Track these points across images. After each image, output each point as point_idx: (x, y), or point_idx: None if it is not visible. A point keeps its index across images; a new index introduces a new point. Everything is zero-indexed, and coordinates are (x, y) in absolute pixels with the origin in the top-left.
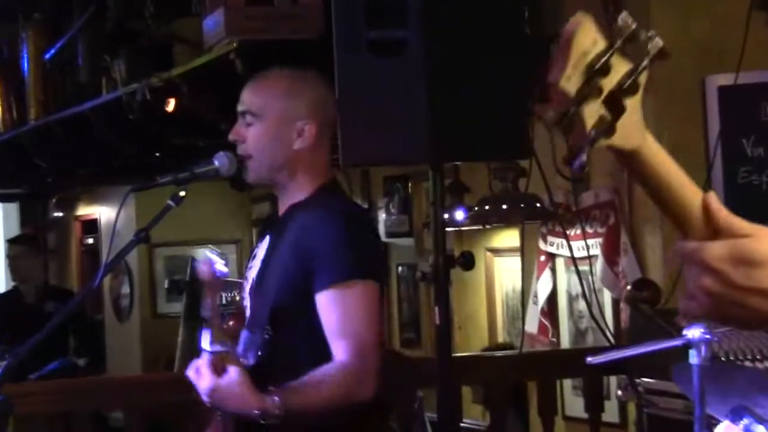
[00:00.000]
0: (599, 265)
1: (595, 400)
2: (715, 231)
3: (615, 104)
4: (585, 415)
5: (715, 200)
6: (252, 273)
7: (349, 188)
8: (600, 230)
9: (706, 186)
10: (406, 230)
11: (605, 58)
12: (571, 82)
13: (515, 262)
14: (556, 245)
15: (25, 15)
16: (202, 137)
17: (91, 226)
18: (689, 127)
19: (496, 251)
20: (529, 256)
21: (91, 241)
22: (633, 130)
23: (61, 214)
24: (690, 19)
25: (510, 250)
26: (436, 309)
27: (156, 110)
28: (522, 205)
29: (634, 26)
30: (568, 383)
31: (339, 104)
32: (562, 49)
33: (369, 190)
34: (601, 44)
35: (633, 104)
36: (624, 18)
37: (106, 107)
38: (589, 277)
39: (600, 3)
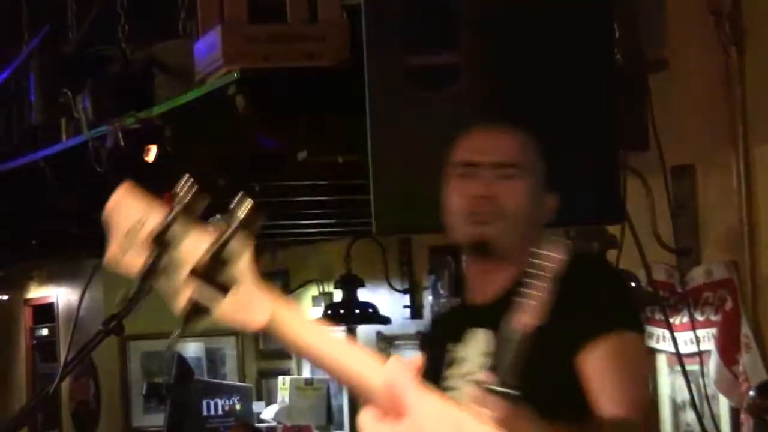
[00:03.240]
0: (713, 363)
1: None
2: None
3: (210, 278)
4: None
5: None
6: (467, 374)
7: (384, 264)
8: (714, 318)
9: None
10: None
11: (158, 231)
12: (127, 259)
13: None
14: (656, 337)
15: None
16: None
17: (45, 312)
18: None
19: None
20: None
21: (45, 332)
22: (249, 304)
23: (5, 297)
24: None
25: None
26: None
27: (131, 160)
28: None
29: (188, 198)
30: None
31: (372, 152)
32: (107, 230)
33: (411, 266)
34: (155, 215)
35: (244, 275)
36: (181, 186)
37: (66, 156)
38: (700, 380)
39: (713, 22)
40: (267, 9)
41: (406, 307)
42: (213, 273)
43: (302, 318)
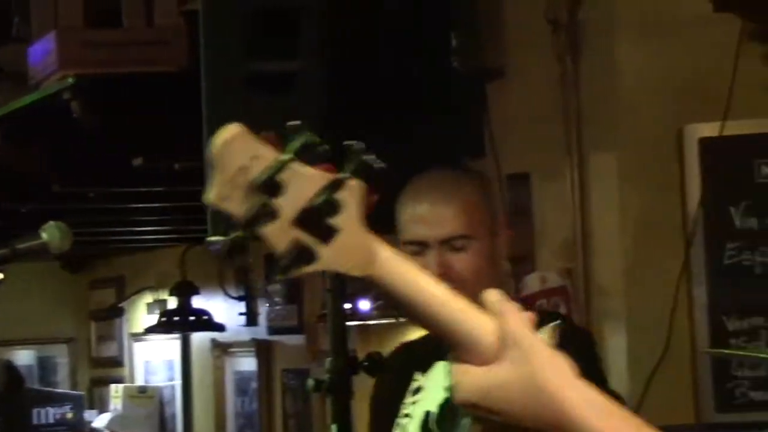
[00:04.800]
0: None
1: None
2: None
3: (314, 226)
4: None
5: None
6: (428, 406)
7: (219, 271)
8: None
9: (685, 267)
10: (295, 325)
11: (267, 176)
12: (232, 202)
13: None
14: None
15: None
16: (26, 201)
17: None
18: (663, 192)
19: None
20: None
21: None
22: (353, 253)
23: None
24: (664, 56)
25: None
26: (334, 428)
27: None
28: None
29: (298, 143)
30: None
31: (208, 157)
32: (213, 166)
33: (245, 273)
34: (264, 159)
35: (349, 224)
36: (291, 128)
37: None
38: None
39: (549, 31)
40: (103, 13)
41: (241, 314)
42: (319, 219)
43: (410, 269)
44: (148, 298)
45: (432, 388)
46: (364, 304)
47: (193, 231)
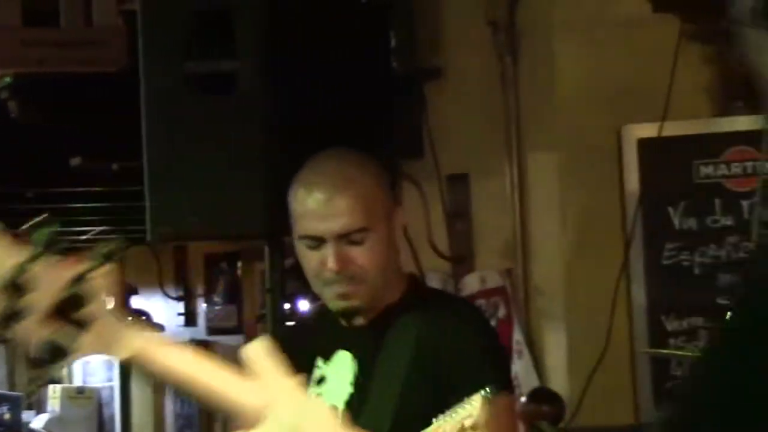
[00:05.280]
0: None
1: None
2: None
3: (70, 316)
4: None
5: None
6: (334, 400)
7: (158, 271)
8: None
9: (624, 267)
10: (234, 325)
11: (8, 279)
12: None
13: None
14: None
15: None
16: None
17: None
18: (602, 192)
19: None
20: None
21: None
22: (111, 338)
23: None
24: (603, 56)
25: None
26: None
27: None
28: None
29: (43, 239)
30: None
31: (148, 159)
32: None
33: (185, 273)
34: (9, 262)
35: (101, 312)
36: (35, 224)
37: None
38: None
39: (489, 32)
40: (41, 13)
41: (180, 314)
42: (71, 311)
43: (168, 349)
44: None
45: (337, 381)
46: (303, 304)
47: (132, 231)
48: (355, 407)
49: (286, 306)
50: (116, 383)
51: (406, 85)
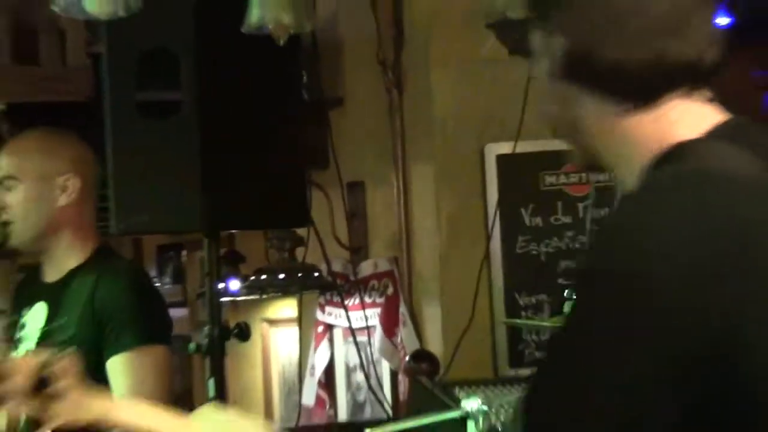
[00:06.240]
0: (377, 335)
1: None
2: None
3: (45, 392)
4: None
5: None
6: (27, 344)
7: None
8: (379, 300)
9: (486, 256)
10: (180, 300)
11: None
12: None
13: (293, 333)
14: (334, 315)
15: None
16: None
17: None
18: (469, 197)
19: (273, 322)
20: (306, 327)
21: None
22: (86, 405)
23: None
24: (470, 89)
25: (287, 321)
26: (210, 382)
27: None
28: (299, 275)
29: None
30: None
31: (111, 169)
32: None
33: (141, 259)
34: None
35: (71, 387)
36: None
37: None
38: (368, 348)
39: (379, 70)
40: (27, 54)
41: None
42: (45, 388)
43: (129, 408)
44: None
45: (33, 324)
46: (234, 284)
47: (100, 226)
48: (44, 344)
49: (221, 285)
50: None
51: (314, 111)
